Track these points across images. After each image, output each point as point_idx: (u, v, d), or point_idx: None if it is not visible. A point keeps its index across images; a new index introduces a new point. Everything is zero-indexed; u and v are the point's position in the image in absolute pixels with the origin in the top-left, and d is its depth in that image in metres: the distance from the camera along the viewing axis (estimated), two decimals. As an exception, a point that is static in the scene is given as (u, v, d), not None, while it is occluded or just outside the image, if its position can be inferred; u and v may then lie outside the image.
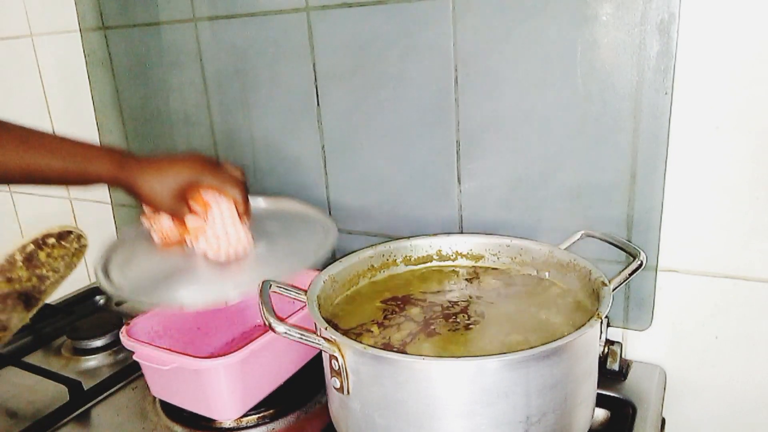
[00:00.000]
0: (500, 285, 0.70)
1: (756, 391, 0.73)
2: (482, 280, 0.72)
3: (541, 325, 0.61)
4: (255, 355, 0.67)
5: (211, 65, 0.94)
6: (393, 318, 0.64)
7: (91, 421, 0.73)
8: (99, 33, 1.04)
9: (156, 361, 0.67)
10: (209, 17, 0.91)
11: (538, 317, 0.63)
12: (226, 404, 0.68)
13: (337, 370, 0.54)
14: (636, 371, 0.75)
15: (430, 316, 0.64)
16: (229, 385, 0.66)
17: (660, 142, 0.68)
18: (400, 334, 0.61)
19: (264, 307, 0.55)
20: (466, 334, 0.61)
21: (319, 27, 0.83)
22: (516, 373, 0.50)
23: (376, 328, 0.63)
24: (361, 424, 0.55)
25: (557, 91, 0.71)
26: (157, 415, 0.72)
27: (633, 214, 0.72)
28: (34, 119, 1.22)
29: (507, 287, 0.70)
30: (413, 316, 0.65)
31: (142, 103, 1.03)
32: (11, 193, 1.36)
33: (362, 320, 0.64)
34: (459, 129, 0.78)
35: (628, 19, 0.65)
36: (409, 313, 0.65)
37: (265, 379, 0.71)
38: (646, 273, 0.73)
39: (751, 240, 0.68)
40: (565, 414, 0.54)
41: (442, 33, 0.75)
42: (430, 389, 0.51)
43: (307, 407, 0.72)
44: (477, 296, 0.68)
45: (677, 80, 0.66)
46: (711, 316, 0.73)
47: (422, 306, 0.67)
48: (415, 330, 0.62)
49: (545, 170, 0.74)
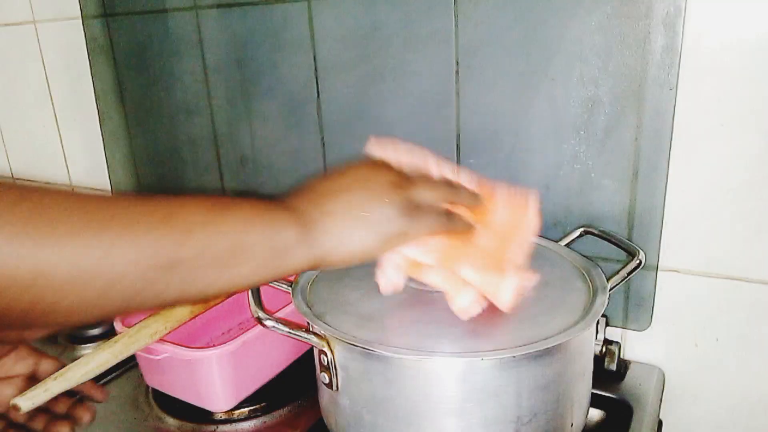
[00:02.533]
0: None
1: (756, 395, 0.72)
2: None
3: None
4: (248, 346, 0.66)
5: (211, 54, 0.93)
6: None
7: (84, 410, 0.73)
8: (101, 20, 1.03)
9: (149, 350, 0.66)
10: (210, 6, 0.90)
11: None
12: (219, 395, 0.67)
13: (326, 365, 0.53)
14: (634, 372, 0.74)
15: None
16: (221, 375, 0.66)
17: (663, 138, 0.67)
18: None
19: (253, 299, 0.54)
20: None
21: (320, 17, 0.81)
22: (507, 373, 0.49)
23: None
24: (350, 420, 0.54)
25: (559, 85, 0.69)
26: (150, 406, 0.72)
27: (634, 212, 0.70)
28: (37, 106, 1.22)
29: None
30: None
31: (143, 91, 1.03)
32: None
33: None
34: (459, 121, 0.77)
35: (632, 12, 0.64)
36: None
37: (259, 370, 0.71)
38: (647, 272, 0.72)
39: (755, 241, 0.67)
40: (558, 414, 0.53)
41: (443, 25, 0.73)
42: (419, 387, 0.50)
43: (299, 401, 0.71)
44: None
45: (682, 76, 0.65)
46: (712, 318, 0.71)
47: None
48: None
49: (546, 165, 0.73)
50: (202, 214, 0.40)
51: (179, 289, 0.38)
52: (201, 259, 0.39)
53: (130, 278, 0.36)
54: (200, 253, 0.39)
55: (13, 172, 1.35)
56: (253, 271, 0.42)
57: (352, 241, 0.46)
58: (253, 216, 0.43)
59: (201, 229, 0.39)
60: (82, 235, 0.34)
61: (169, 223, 0.38)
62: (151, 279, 0.37)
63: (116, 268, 0.35)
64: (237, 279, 0.41)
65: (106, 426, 0.70)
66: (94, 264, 0.34)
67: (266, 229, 0.43)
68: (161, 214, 0.38)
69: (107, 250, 0.35)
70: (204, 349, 0.65)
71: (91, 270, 0.34)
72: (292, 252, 0.44)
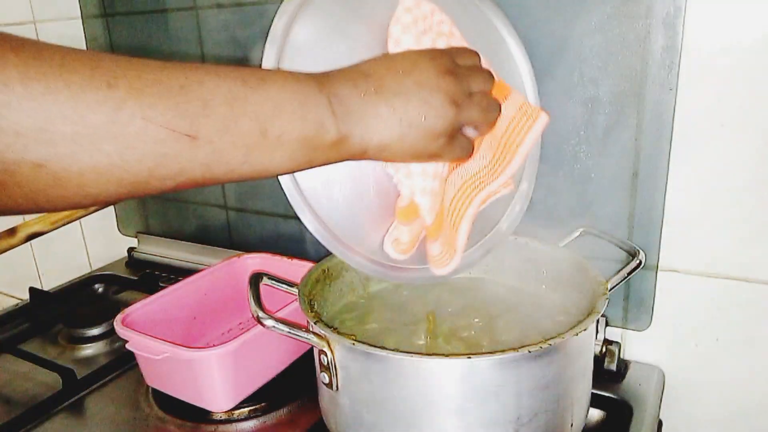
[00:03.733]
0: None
1: (756, 395, 0.72)
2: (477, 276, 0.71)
3: (535, 324, 0.60)
4: (247, 346, 0.66)
5: (211, 54, 0.93)
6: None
7: (84, 409, 0.73)
8: (101, 20, 1.03)
9: (148, 350, 0.67)
10: (210, 6, 0.90)
11: (532, 315, 0.62)
12: (218, 395, 0.67)
13: (326, 365, 0.53)
14: (634, 372, 0.74)
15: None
16: (221, 375, 0.66)
17: (663, 139, 0.67)
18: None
19: (253, 299, 0.54)
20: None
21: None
22: (507, 373, 0.49)
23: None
24: (350, 420, 0.54)
25: (559, 85, 0.69)
26: (150, 406, 0.72)
27: (634, 212, 0.70)
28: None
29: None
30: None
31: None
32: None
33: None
34: (459, 122, 0.76)
35: (632, 12, 0.64)
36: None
37: (259, 370, 0.71)
38: (647, 273, 0.72)
39: (755, 241, 0.67)
40: (557, 415, 0.53)
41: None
42: (419, 387, 0.50)
43: (299, 401, 0.71)
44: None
45: (682, 76, 0.65)
46: (712, 318, 0.71)
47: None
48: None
49: (545, 166, 0.73)
50: (225, 88, 0.36)
51: (204, 165, 0.36)
52: (224, 137, 0.36)
53: (144, 146, 0.34)
54: (222, 131, 0.36)
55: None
56: (283, 159, 0.39)
57: (391, 131, 0.42)
58: (283, 99, 0.39)
59: (222, 105, 0.36)
60: (87, 89, 0.32)
61: (185, 94, 0.35)
62: (171, 151, 0.34)
63: (127, 130, 0.33)
64: (267, 164, 0.39)
65: (106, 426, 0.70)
66: (101, 122, 0.32)
67: (296, 117, 0.39)
68: (176, 84, 0.35)
69: (115, 109, 0.32)
70: (204, 349, 0.65)
71: (98, 129, 0.32)
72: (326, 142, 0.40)
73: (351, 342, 0.50)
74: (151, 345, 0.66)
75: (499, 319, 0.63)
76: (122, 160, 0.33)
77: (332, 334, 0.52)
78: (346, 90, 0.41)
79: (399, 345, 0.59)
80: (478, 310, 0.64)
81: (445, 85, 0.44)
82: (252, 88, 0.38)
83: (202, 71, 0.36)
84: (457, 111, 0.44)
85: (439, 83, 0.44)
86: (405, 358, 0.50)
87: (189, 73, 0.36)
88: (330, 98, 0.40)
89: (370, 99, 0.42)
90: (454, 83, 0.44)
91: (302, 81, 0.40)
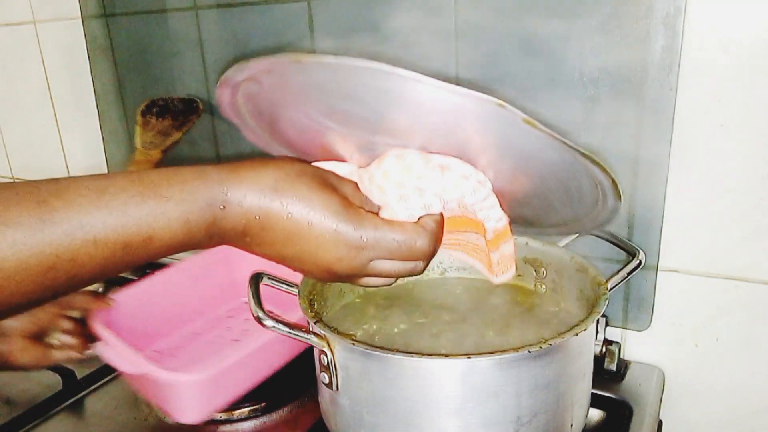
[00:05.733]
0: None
1: (756, 395, 0.72)
2: (477, 276, 0.71)
3: (535, 323, 0.60)
4: (224, 372, 0.63)
5: (211, 54, 0.93)
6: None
7: (84, 410, 0.73)
8: (101, 20, 1.03)
9: (120, 365, 0.64)
10: (210, 6, 0.90)
11: (533, 314, 0.62)
12: (190, 410, 0.64)
13: (326, 365, 0.53)
14: (634, 372, 0.74)
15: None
16: (192, 396, 0.63)
17: (663, 139, 0.67)
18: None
19: (253, 300, 0.54)
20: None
21: (321, 16, 0.81)
22: (507, 373, 0.49)
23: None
24: (350, 420, 0.54)
25: (558, 86, 0.69)
26: (150, 406, 0.72)
27: (634, 212, 0.70)
28: (37, 106, 1.22)
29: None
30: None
31: (143, 91, 1.03)
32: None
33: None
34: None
35: (632, 12, 0.64)
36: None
37: (236, 387, 0.67)
38: (647, 272, 0.72)
39: (755, 241, 0.67)
40: (558, 415, 0.53)
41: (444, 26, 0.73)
42: (419, 387, 0.50)
43: (299, 401, 0.71)
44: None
45: (682, 76, 0.64)
46: (712, 318, 0.71)
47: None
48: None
49: (546, 166, 0.73)
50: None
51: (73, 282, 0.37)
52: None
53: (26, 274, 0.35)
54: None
55: (13, 172, 1.35)
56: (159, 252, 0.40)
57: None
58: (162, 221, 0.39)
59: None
60: None
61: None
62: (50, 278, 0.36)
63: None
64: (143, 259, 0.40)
65: (105, 426, 0.70)
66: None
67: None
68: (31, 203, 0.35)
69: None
70: (175, 373, 0.61)
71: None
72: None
73: (351, 342, 0.50)
74: (123, 360, 0.63)
75: (498, 320, 0.62)
76: None
77: (332, 334, 0.52)
78: (232, 233, 0.42)
79: (407, 343, 0.59)
80: (477, 310, 0.64)
81: (337, 271, 0.44)
82: (137, 204, 0.38)
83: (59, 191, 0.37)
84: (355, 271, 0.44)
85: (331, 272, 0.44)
86: (405, 358, 0.50)
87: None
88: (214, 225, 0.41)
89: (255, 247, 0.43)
90: (350, 271, 0.44)
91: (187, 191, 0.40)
